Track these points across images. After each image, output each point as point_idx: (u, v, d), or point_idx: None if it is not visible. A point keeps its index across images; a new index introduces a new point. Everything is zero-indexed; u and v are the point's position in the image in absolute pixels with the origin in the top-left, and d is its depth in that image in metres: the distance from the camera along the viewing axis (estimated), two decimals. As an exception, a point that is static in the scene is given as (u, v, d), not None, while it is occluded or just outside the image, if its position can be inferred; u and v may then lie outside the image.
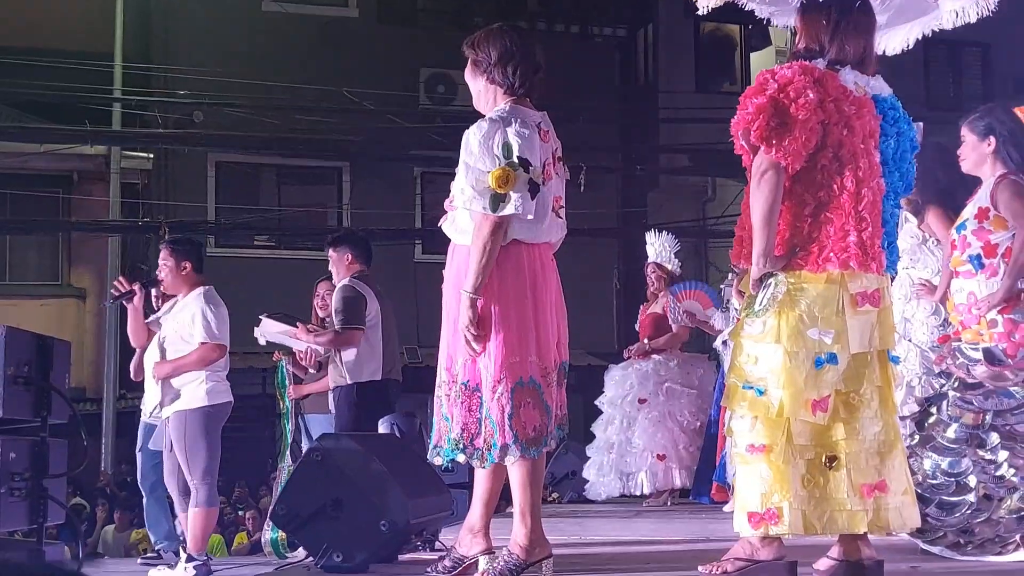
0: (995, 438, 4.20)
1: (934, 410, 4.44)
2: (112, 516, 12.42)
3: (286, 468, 7.43)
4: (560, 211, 4.03)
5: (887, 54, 4.26)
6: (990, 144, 4.44)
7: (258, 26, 16.28)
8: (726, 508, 7.09)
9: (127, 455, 14.77)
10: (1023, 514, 4.12)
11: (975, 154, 4.50)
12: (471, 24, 15.10)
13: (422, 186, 16.47)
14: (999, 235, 4.32)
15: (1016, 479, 4.16)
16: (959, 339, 4.45)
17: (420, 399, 10.56)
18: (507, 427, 3.77)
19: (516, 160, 3.79)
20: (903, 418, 4.50)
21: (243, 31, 15.97)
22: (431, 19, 17.45)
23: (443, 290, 4.02)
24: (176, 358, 6.02)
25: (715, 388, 7.85)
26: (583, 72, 16.41)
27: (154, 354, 6.17)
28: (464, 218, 3.90)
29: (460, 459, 3.90)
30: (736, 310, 7.24)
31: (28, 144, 14.95)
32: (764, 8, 4.03)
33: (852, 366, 3.56)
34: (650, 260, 8.53)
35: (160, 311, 6.30)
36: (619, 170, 17.04)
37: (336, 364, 6.50)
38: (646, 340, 8.41)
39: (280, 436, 7.71)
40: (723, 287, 7.90)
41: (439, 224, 4.08)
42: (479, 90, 4.07)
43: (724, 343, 7.51)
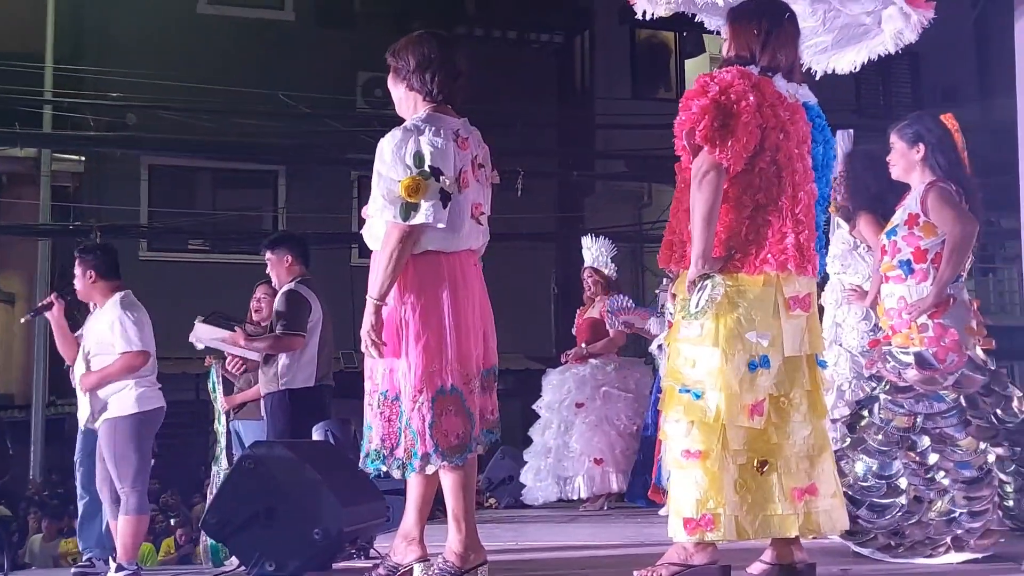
0: (926, 441, 4.25)
1: (865, 413, 4.49)
2: (41, 525, 12.20)
3: (221, 473, 7.35)
4: (481, 217, 4.03)
5: (837, 73, 4.34)
6: (919, 151, 4.50)
7: (193, 28, 16.11)
8: (662, 512, 7.13)
9: (57, 463, 14.55)
10: (953, 516, 4.17)
11: (904, 161, 4.56)
12: (409, 28, 14.97)
13: (359, 190, 16.37)
14: (928, 241, 4.38)
15: (946, 481, 4.21)
16: (889, 343, 4.51)
17: (356, 405, 10.50)
18: (428, 436, 3.78)
19: (428, 169, 3.80)
20: (834, 421, 4.56)
21: (178, 33, 15.77)
22: (369, 22, 17.36)
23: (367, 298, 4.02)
24: (100, 369, 5.94)
25: (652, 392, 7.89)
26: (520, 77, 16.46)
27: (81, 366, 6.07)
28: (379, 226, 3.91)
29: (382, 469, 3.90)
30: (671, 314, 7.29)
31: (-45, 147, 14.68)
32: (692, 6, 4.07)
33: (784, 370, 3.59)
34: (587, 264, 8.55)
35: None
36: (556, 175, 17.10)
37: (267, 370, 6.42)
38: (583, 344, 8.43)
39: (214, 442, 7.63)
40: (658, 292, 7.94)
41: (360, 231, 4.08)
42: (400, 97, 4.08)
43: (660, 347, 7.55)
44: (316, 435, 5.95)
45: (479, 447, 3.92)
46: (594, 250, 8.55)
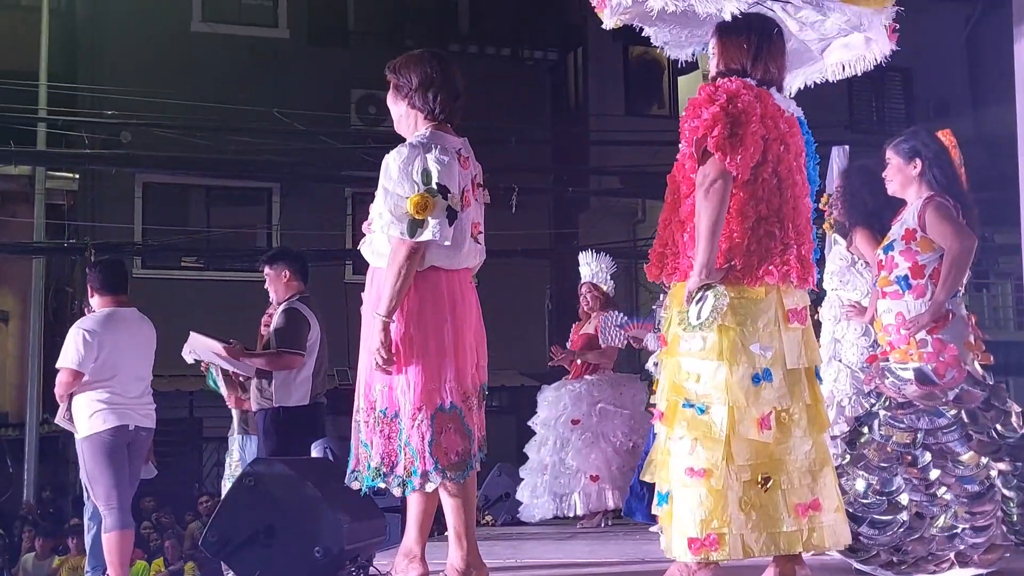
0: (927, 456, 4.23)
1: (865, 429, 4.47)
2: (35, 543, 12.14)
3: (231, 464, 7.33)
4: (479, 236, 4.05)
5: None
6: (916, 167, 4.49)
7: (187, 46, 16.13)
8: (653, 529, 7.11)
9: (50, 481, 14.47)
10: (955, 532, 4.15)
11: (901, 176, 4.54)
12: (402, 45, 15.11)
13: (353, 207, 16.39)
14: (926, 256, 4.37)
15: (949, 497, 4.19)
16: (887, 359, 4.49)
17: (350, 422, 10.50)
18: (427, 454, 3.78)
19: (435, 187, 3.81)
20: (834, 438, 4.55)
21: (172, 51, 15.80)
22: (362, 40, 17.41)
23: (362, 313, 4.01)
24: (56, 384, 6.11)
25: (647, 408, 7.87)
26: (515, 95, 16.51)
27: None
28: (381, 241, 3.91)
29: (381, 486, 3.89)
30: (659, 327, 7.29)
31: (-50, 165, 14.67)
32: (659, 36, 4.09)
33: (785, 384, 3.59)
34: (586, 280, 8.54)
35: None
36: (550, 191, 17.14)
37: (261, 387, 6.39)
38: (575, 351, 8.39)
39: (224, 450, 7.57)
40: (655, 307, 7.91)
41: (358, 247, 4.07)
42: (400, 115, 4.08)
43: (656, 364, 7.52)
44: (315, 452, 5.93)
45: (477, 464, 3.92)
46: (594, 266, 8.54)
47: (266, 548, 4.29)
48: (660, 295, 7.72)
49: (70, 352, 5.97)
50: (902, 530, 4.21)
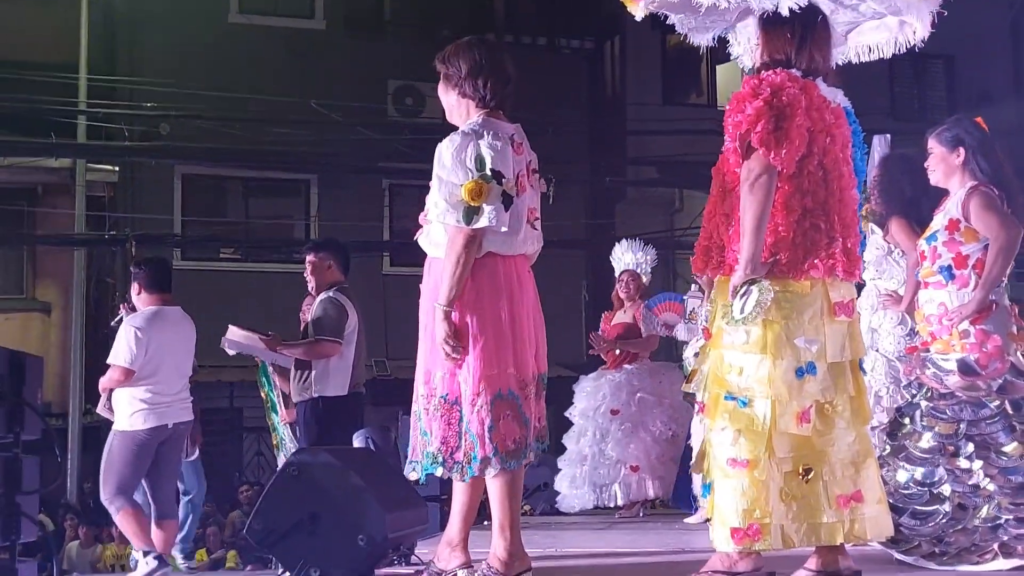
0: (970, 447, 4.21)
1: (906, 420, 4.46)
2: (78, 532, 12.28)
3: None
4: (535, 223, 4.04)
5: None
6: (959, 156, 4.45)
7: (225, 38, 16.20)
8: (689, 520, 7.10)
9: (93, 470, 14.56)
10: (999, 523, 4.13)
11: (944, 165, 4.50)
12: (439, 36, 15.09)
13: (390, 198, 16.42)
14: (970, 247, 4.33)
15: (992, 488, 4.17)
16: (927, 349, 4.47)
17: (391, 412, 10.51)
18: (487, 440, 3.76)
19: (489, 173, 3.79)
20: (873, 428, 4.53)
21: (210, 43, 15.87)
22: (398, 31, 17.43)
23: (420, 303, 4.02)
24: (104, 379, 6.23)
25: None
26: (551, 84, 16.45)
27: None
28: (438, 231, 3.90)
29: (439, 473, 3.89)
30: (705, 322, 7.25)
31: (-8, 157, 14.83)
32: (685, 23, 4.06)
33: (830, 376, 3.58)
34: (628, 268, 8.52)
35: None
36: (587, 182, 17.08)
37: (300, 378, 6.43)
38: (616, 340, 8.37)
39: (272, 429, 7.64)
40: (686, 297, 7.91)
41: (415, 238, 4.07)
42: (451, 104, 4.07)
43: (696, 355, 7.49)
44: (357, 442, 5.97)
45: (531, 454, 3.91)
46: (639, 256, 8.53)
47: (310, 537, 4.33)
48: (693, 285, 7.71)
49: (123, 350, 6.05)
50: (944, 521, 4.20)
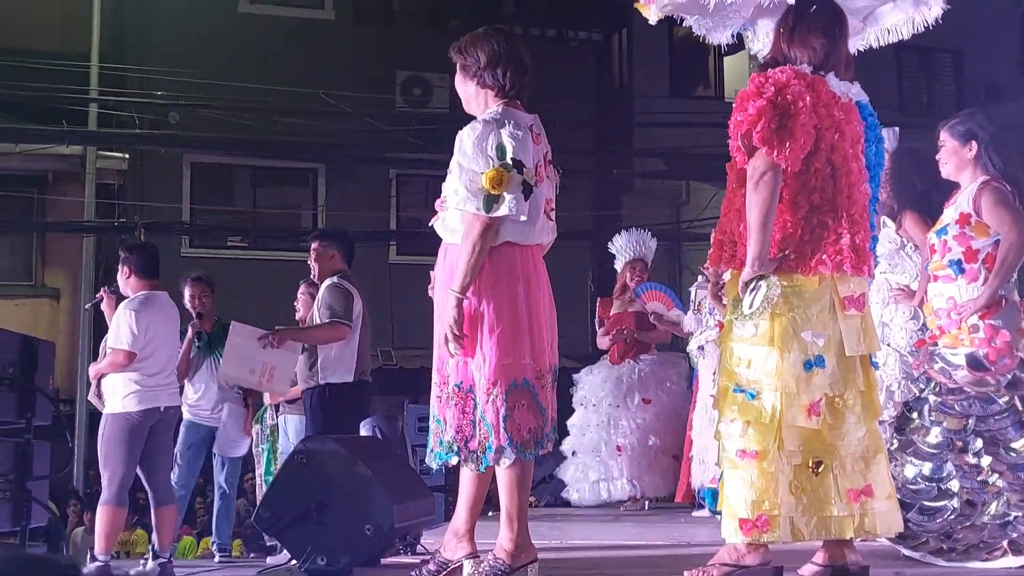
0: (979, 443, 4.19)
1: (915, 415, 4.44)
2: (82, 518, 12.31)
3: (264, 452, 7.44)
4: (551, 213, 4.04)
5: None
6: (971, 149, 4.43)
7: (234, 27, 16.23)
8: (695, 513, 7.11)
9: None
10: (1008, 519, 4.12)
11: (956, 159, 4.48)
12: (447, 27, 15.10)
13: (397, 188, 16.44)
14: (980, 241, 4.32)
15: (1001, 484, 4.16)
16: (935, 343, 4.46)
17: (397, 401, 10.54)
18: (502, 429, 3.75)
19: (510, 161, 3.79)
20: (882, 422, 4.52)
21: (219, 32, 15.90)
22: (407, 21, 17.41)
23: (435, 290, 4.01)
24: (98, 362, 6.21)
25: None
26: (559, 76, 16.42)
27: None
28: (455, 218, 3.90)
29: (453, 461, 3.88)
30: (711, 313, 7.26)
31: (3, 144, 14.81)
32: (701, 25, 4.07)
33: (839, 370, 3.58)
34: (637, 256, 8.53)
35: None
36: (594, 173, 17.06)
37: (306, 365, 6.43)
38: (633, 330, 8.37)
39: (260, 437, 7.67)
40: (693, 288, 7.90)
41: (430, 224, 4.07)
42: (470, 94, 4.06)
43: (700, 348, 7.51)
44: (364, 431, 5.98)
45: (548, 444, 3.90)
46: (643, 244, 8.53)
47: (318, 525, 4.35)
48: (699, 276, 7.71)
49: (124, 334, 6.03)
50: (952, 517, 4.18)
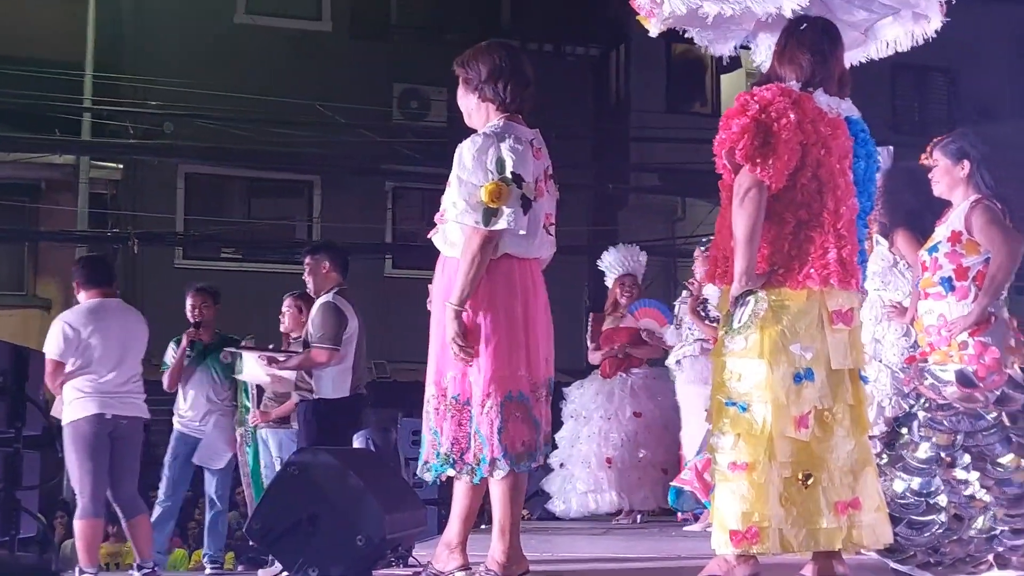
0: (967, 459, 4.22)
1: (904, 431, 4.46)
2: (70, 530, 12.23)
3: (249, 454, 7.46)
4: (550, 228, 4.07)
5: None
6: (964, 168, 4.48)
7: (231, 38, 16.24)
8: (687, 528, 7.12)
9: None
10: (994, 534, 4.15)
11: (948, 178, 4.53)
12: (444, 41, 15.14)
13: (393, 201, 16.46)
14: (971, 259, 4.35)
15: (988, 499, 4.19)
16: (925, 360, 4.49)
17: (391, 414, 10.53)
18: (496, 441, 3.78)
19: (509, 175, 3.82)
20: (872, 437, 4.55)
21: (215, 42, 15.90)
22: (404, 35, 17.44)
23: (432, 303, 4.03)
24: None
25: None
26: (556, 90, 16.46)
27: None
28: (454, 231, 3.92)
29: (450, 473, 3.90)
30: (689, 328, 7.32)
31: (-5, 152, 14.86)
32: (703, 36, 4.11)
33: (828, 384, 3.61)
34: (627, 272, 8.55)
35: None
36: (590, 188, 17.10)
37: (300, 379, 6.45)
38: (624, 346, 8.38)
39: (243, 443, 7.68)
40: (677, 303, 7.94)
41: (429, 236, 4.09)
42: (471, 107, 4.08)
43: (677, 363, 7.56)
44: (357, 443, 6.00)
45: (541, 457, 3.93)
46: (633, 260, 8.55)
47: (309, 536, 4.34)
48: (683, 291, 7.75)
49: (50, 343, 6.13)
50: (940, 531, 4.20)
